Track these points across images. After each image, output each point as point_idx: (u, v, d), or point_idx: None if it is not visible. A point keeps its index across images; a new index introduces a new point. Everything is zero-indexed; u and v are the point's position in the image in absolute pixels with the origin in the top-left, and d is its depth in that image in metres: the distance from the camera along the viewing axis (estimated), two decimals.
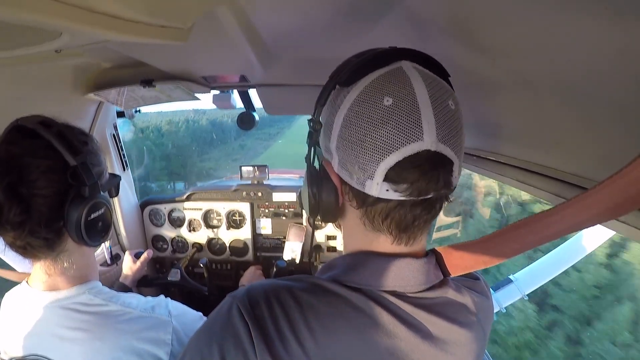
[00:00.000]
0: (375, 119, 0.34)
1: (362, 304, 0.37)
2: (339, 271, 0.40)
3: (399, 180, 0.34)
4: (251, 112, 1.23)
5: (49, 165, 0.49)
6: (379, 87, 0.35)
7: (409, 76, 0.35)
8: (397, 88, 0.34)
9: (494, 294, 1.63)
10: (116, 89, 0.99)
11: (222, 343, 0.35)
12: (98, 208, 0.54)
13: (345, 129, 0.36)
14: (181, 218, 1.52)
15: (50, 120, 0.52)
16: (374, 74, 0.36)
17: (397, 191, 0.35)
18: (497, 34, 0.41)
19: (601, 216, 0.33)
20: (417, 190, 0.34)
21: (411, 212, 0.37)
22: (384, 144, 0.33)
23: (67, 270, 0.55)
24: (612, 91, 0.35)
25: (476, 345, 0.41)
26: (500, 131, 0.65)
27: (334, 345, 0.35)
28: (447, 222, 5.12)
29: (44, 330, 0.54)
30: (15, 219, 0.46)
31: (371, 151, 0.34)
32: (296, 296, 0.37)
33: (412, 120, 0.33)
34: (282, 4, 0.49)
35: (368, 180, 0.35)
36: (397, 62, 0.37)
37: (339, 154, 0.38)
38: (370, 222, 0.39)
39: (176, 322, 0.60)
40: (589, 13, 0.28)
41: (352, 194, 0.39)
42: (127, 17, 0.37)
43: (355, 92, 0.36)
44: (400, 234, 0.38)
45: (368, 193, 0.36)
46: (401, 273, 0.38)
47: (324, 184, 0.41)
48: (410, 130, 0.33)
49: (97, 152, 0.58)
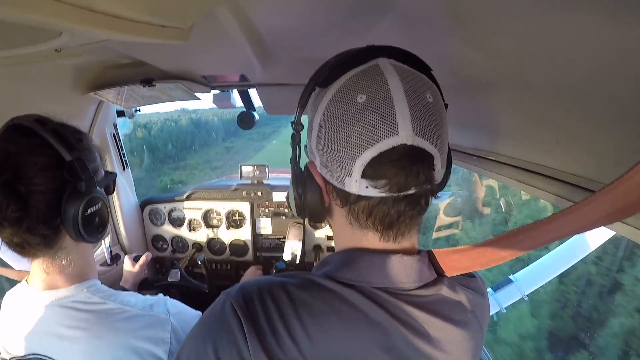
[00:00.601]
0: (349, 116, 0.34)
1: (355, 300, 0.37)
2: (332, 267, 0.40)
3: (377, 176, 0.34)
4: (251, 111, 1.23)
5: (46, 162, 0.49)
6: (353, 85, 0.35)
7: (384, 72, 0.35)
8: (371, 84, 0.34)
9: (494, 294, 1.63)
10: (116, 88, 0.99)
11: (215, 339, 0.36)
12: (94, 203, 0.54)
13: (322, 129, 0.37)
14: (181, 218, 1.52)
15: (45, 119, 0.53)
16: (350, 73, 0.36)
17: (376, 187, 0.35)
18: (497, 34, 0.41)
19: (600, 221, 0.33)
20: (397, 185, 0.34)
21: (394, 208, 0.36)
22: (358, 140, 0.34)
23: (65, 268, 0.56)
24: (612, 91, 0.35)
25: (473, 343, 0.41)
26: (501, 131, 0.65)
27: (327, 341, 0.35)
28: (447, 222, 5.12)
29: (43, 330, 0.54)
30: (13, 215, 0.46)
31: (347, 148, 0.34)
32: (290, 292, 0.37)
33: (385, 115, 0.33)
34: (282, 4, 0.49)
35: (347, 177, 0.36)
36: (374, 59, 0.37)
37: (320, 153, 0.38)
38: (356, 220, 0.39)
39: (175, 320, 0.60)
40: (589, 13, 0.28)
41: (335, 192, 0.40)
42: (127, 17, 0.37)
43: (331, 92, 0.37)
44: (386, 231, 0.38)
45: (348, 191, 0.36)
46: (393, 270, 0.38)
47: (309, 185, 0.42)
48: (384, 126, 0.33)
49: (92, 149, 0.58)
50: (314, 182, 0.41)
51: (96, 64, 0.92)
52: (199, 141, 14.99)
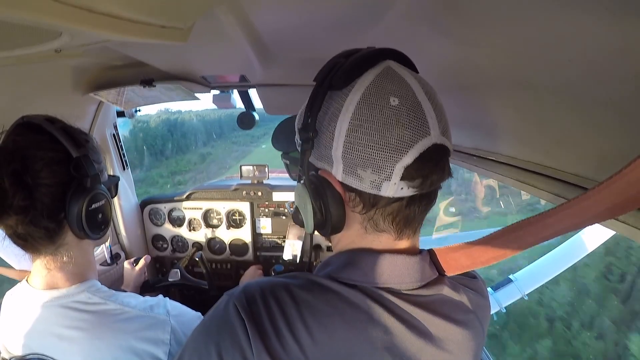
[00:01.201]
0: (386, 120, 0.34)
1: (357, 300, 0.37)
2: (334, 268, 0.40)
3: (415, 176, 0.35)
4: (251, 111, 1.23)
5: (53, 157, 0.51)
6: (380, 88, 0.35)
7: (402, 75, 0.36)
8: (398, 87, 0.35)
9: (494, 293, 1.64)
10: (116, 88, 0.99)
11: (219, 341, 0.36)
12: (98, 199, 0.55)
13: (354, 134, 0.35)
14: (181, 217, 1.52)
15: (54, 118, 0.55)
16: (369, 75, 0.36)
17: (411, 187, 0.35)
18: (497, 34, 0.41)
19: (600, 216, 0.33)
20: (430, 182, 0.36)
21: (419, 205, 0.38)
22: (398, 143, 0.34)
23: (67, 266, 0.56)
24: (612, 91, 0.35)
25: (474, 343, 0.41)
26: (501, 131, 0.65)
27: (330, 342, 0.35)
28: (448, 222, 5.12)
29: (43, 329, 0.54)
30: (19, 203, 0.47)
31: (387, 152, 0.34)
32: (293, 293, 0.37)
33: (419, 118, 0.34)
34: (282, 4, 0.49)
35: (385, 182, 0.35)
36: (383, 61, 0.38)
37: (347, 160, 0.36)
38: (373, 225, 0.39)
39: (174, 321, 0.60)
40: (589, 13, 0.28)
41: (358, 199, 0.38)
42: (127, 17, 0.37)
43: (355, 94, 0.36)
44: (403, 229, 0.39)
45: (383, 195, 0.36)
46: (396, 270, 0.38)
47: (330, 196, 0.39)
48: (419, 127, 0.34)
49: (98, 150, 0.60)
50: (335, 191, 0.38)
51: (96, 64, 0.92)
52: (175, 146, 13.09)
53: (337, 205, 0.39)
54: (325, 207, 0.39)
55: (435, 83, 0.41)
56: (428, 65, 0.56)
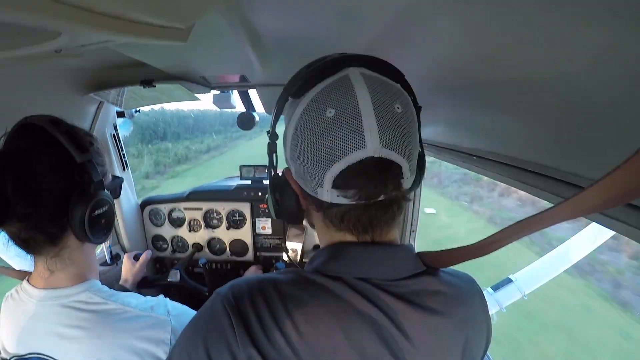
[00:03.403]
0: (319, 130, 0.35)
1: (340, 291, 0.38)
2: (320, 261, 0.42)
3: (347, 186, 0.36)
4: (251, 112, 1.23)
5: (57, 161, 0.50)
6: (323, 99, 0.36)
7: (354, 84, 0.36)
8: (340, 98, 0.35)
9: (494, 293, 1.63)
10: (116, 89, 0.99)
11: (206, 337, 0.36)
12: (102, 205, 0.55)
13: (295, 141, 0.38)
14: (181, 218, 1.52)
15: (59, 120, 0.54)
16: (321, 85, 0.37)
17: (346, 197, 0.36)
18: (496, 34, 0.41)
19: (589, 211, 0.32)
20: (366, 194, 0.36)
21: (365, 213, 0.38)
22: (328, 154, 0.35)
23: (68, 267, 0.56)
24: (613, 91, 0.35)
25: (458, 334, 0.41)
26: (501, 131, 0.65)
27: (316, 333, 0.36)
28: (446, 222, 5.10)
29: (44, 329, 0.54)
30: (22, 210, 0.46)
31: (317, 161, 0.36)
32: (279, 288, 0.38)
33: (354, 130, 0.34)
34: (282, 4, 0.49)
35: (319, 188, 0.37)
36: (345, 69, 0.38)
37: (293, 164, 0.40)
38: (332, 224, 0.41)
39: (175, 321, 0.60)
40: (589, 13, 0.28)
41: (310, 199, 0.41)
42: (126, 18, 0.37)
43: (303, 104, 0.38)
44: (361, 233, 0.40)
45: (321, 199, 0.38)
46: (375, 261, 0.40)
47: (285, 191, 0.44)
48: (352, 140, 0.34)
49: (102, 153, 0.59)
50: (291, 188, 0.43)
51: (96, 64, 0.92)
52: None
53: (290, 200, 0.44)
54: (281, 199, 0.45)
55: (435, 83, 0.41)
56: (428, 66, 0.56)
